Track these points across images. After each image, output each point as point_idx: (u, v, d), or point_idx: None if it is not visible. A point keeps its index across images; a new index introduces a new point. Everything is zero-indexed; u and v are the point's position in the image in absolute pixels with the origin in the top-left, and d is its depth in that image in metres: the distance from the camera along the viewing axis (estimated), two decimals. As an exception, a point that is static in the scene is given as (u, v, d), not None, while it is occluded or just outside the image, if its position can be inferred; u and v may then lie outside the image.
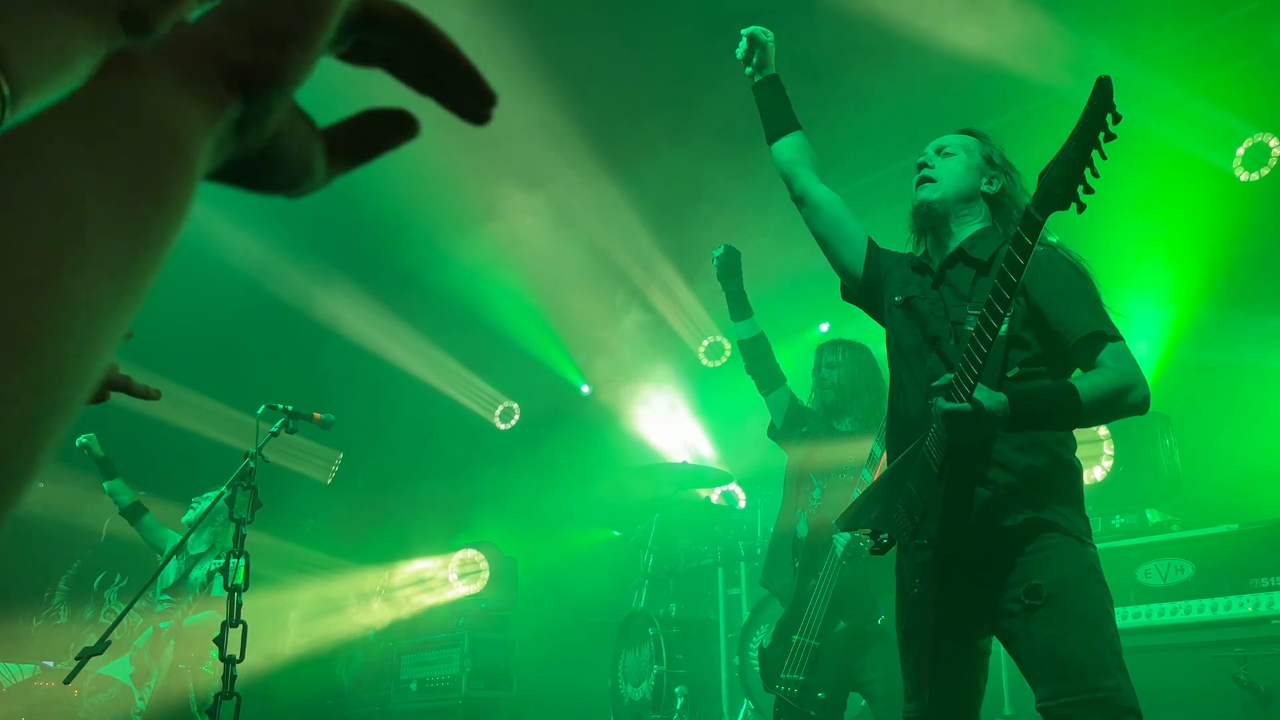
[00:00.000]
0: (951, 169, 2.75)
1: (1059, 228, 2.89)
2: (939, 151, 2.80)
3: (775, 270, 6.70)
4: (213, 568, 4.84)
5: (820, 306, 7.03)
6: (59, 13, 0.48)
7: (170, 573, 5.34)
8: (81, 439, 5.45)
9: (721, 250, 4.44)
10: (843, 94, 5.83)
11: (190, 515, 5.36)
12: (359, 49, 0.57)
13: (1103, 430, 4.61)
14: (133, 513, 5.52)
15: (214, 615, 5.09)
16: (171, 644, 5.03)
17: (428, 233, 7.58)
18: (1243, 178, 5.61)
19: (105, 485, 5.51)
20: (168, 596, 5.22)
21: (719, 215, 7.12)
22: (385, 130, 0.60)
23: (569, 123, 6.64)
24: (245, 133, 0.51)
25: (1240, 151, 5.66)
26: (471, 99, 0.59)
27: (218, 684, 5.15)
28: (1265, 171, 5.56)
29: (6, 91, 0.42)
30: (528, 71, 6.19)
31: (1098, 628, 2.37)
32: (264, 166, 0.55)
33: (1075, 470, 2.60)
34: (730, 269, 4.44)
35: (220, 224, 7.17)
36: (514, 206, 7.53)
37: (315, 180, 0.59)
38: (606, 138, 6.86)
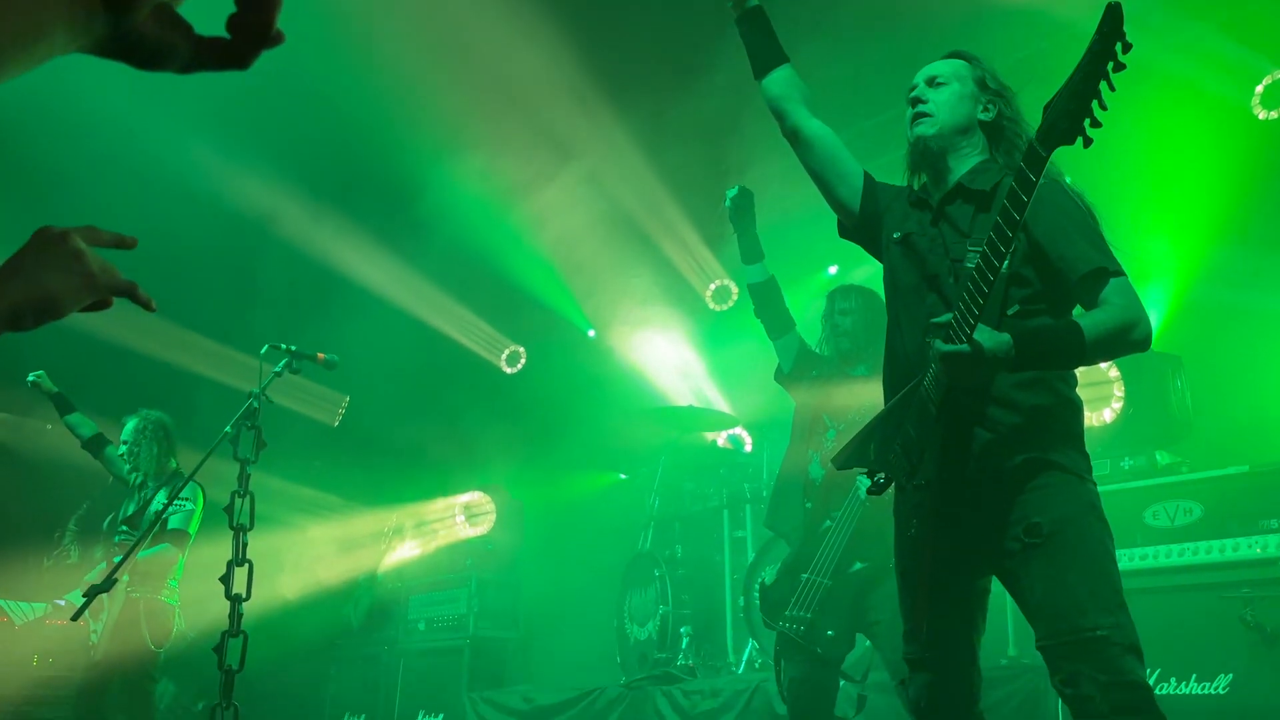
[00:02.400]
0: (946, 100, 2.66)
1: (1071, 165, 2.82)
2: (930, 82, 2.70)
3: (783, 213, 6.61)
4: (164, 501, 4.84)
5: (829, 249, 6.95)
6: None
7: (130, 505, 5.36)
8: (31, 376, 5.45)
9: (735, 191, 4.36)
10: (840, 35, 5.70)
11: (122, 434, 5.37)
12: None
13: (1113, 372, 4.56)
14: (94, 445, 5.53)
15: (169, 548, 5.11)
16: (125, 576, 5.06)
17: (434, 178, 7.51)
18: (1261, 116, 5.48)
19: (65, 419, 5.51)
20: (125, 528, 5.25)
21: (726, 158, 7.03)
22: (235, 48, 0.84)
23: (576, 65, 6.53)
24: (119, 17, 0.76)
25: (1259, 89, 5.52)
26: (249, 36, 0.83)
27: (177, 616, 5.23)
28: (1284, 109, 5.44)
29: None
30: (534, 14, 6.08)
31: (1098, 565, 2.34)
32: (135, 43, 0.79)
33: (1076, 407, 2.56)
34: (743, 210, 4.36)
35: (225, 165, 7.11)
36: (520, 151, 7.44)
37: (178, 61, 0.82)
38: (613, 81, 6.75)
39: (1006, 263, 2.37)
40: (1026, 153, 2.19)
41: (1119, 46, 2.03)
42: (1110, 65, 2.04)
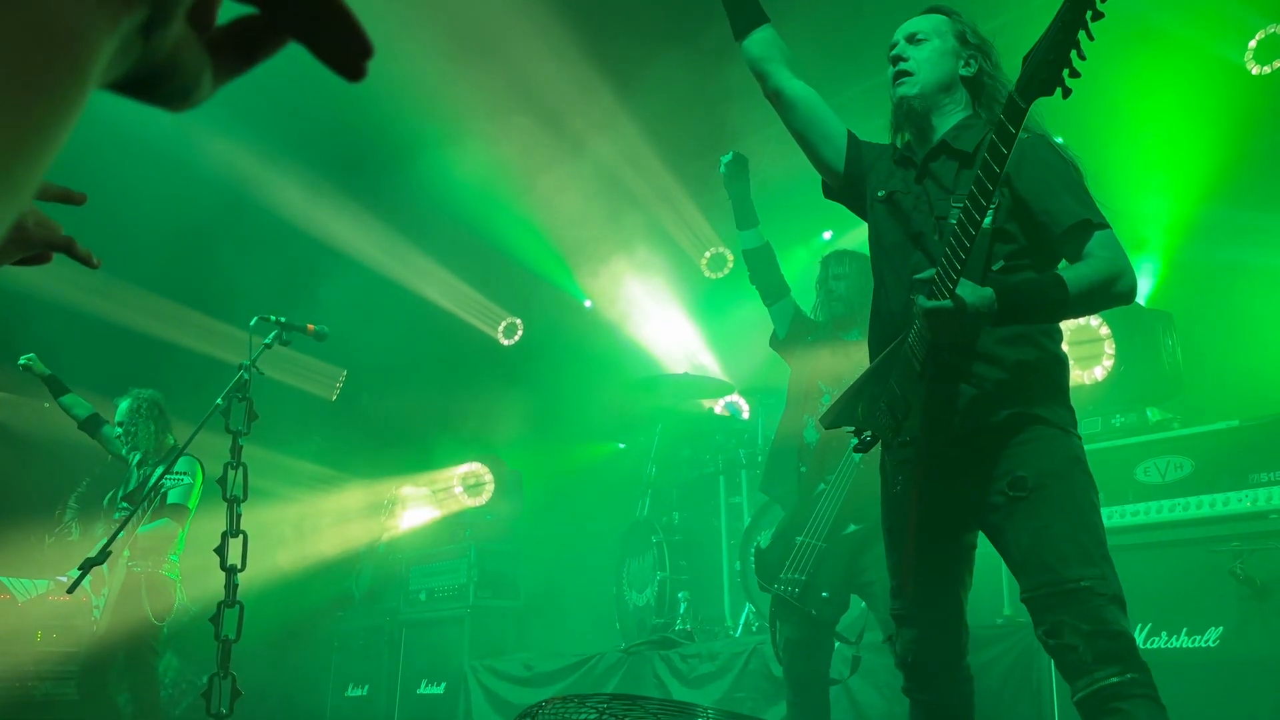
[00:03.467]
0: (928, 58, 2.64)
1: (1060, 119, 2.80)
2: (911, 39, 2.68)
3: (777, 177, 6.60)
4: (160, 475, 4.86)
5: (823, 215, 6.93)
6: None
7: (131, 482, 5.38)
8: (23, 360, 5.44)
9: (730, 157, 4.35)
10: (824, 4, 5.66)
11: (117, 415, 5.38)
12: None
13: (1104, 329, 4.56)
14: (91, 425, 5.54)
15: (168, 523, 5.14)
16: (126, 551, 5.09)
17: (428, 148, 7.48)
18: (1254, 71, 5.45)
19: (60, 401, 5.52)
20: (125, 505, 5.27)
21: (721, 123, 6.99)
22: (260, 38, 0.61)
23: (569, 33, 6.49)
24: (151, 37, 0.52)
25: (1253, 44, 5.48)
26: (346, 51, 0.59)
27: (178, 589, 5.27)
28: (1278, 65, 5.40)
29: None
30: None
31: (1082, 517, 2.36)
32: (165, 75, 0.56)
33: (1061, 362, 2.56)
34: (737, 175, 4.35)
35: (219, 137, 7.10)
36: (515, 122, 7.41)
37: (204, 93, 0.61)
38: (605, 47, 6.70)
39: (990, 218, 2.37)
40: (1006, 105, 2.19)
41: (1098, -5, 2.02)
42: (1089, 14, 2.03)
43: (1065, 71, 2.09)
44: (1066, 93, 2.10)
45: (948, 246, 2.26)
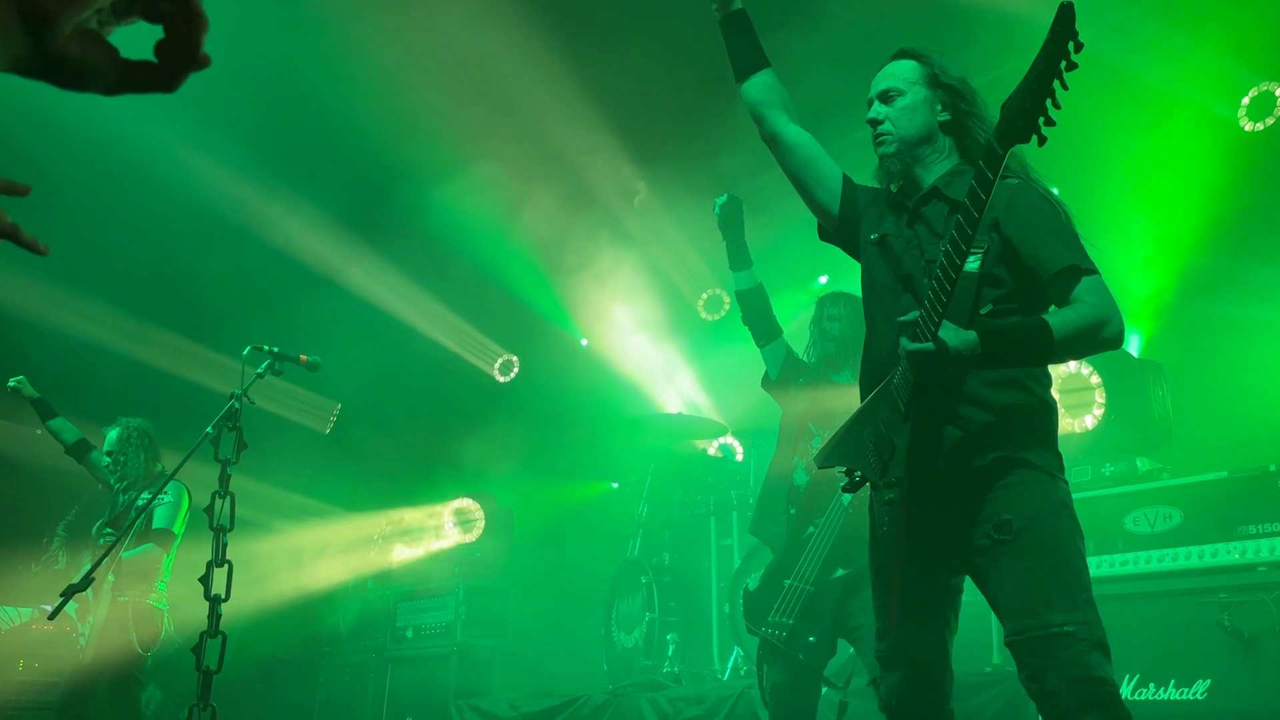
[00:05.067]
0: (900, 115, 2.65)
1: (1054, 170, 2.82)
2: (884, 97, 2.69)
3: (775, 221, 6.64)
4: (147, 500, 4.84)
5: (819, 259, 6.97)
6: None
7: (118, 505, 5.35)
8: (12, 382, 5.43)
9: (724, 199, 4.40)
10: (828, 46, 5.73)
11: (105, 444, 5.37)
12: (147, 9, 0.86)
13: (1095, 378, 4.57)
14: (79, 450, 5.52)
15: (153, 548, 5.11)
16: (110, 577, 5.05)
17: (429, 183, 7.55)
18: (1247, 127, 5.52)
19: (47, 425, 5.50)
20: (110, 531, 5.24)
21: (721, 166, 7.05)
22: (162, 70, 0.87)
23: (570, 77, 6.57)
24: (39, 37, 0.78)
25: (1246, 100, 5.56)
26: (177, 60, 0.86)
27: (165, 619, 5.22)
28: (1270, 121, 5.46)
29: None
30: (533, 27, 6.15)
31: (1067, 562, 2.35)
32: (57, 64, 0.81)
33: (1049, 407, 2.56)
34: (732, 219, 4.40)
35: (217, 169, 7.14)
36: (515, 160, 7.47)
37: (103, 83, 0.85)
38: (608, 91, 6.78)
39: (977, 261, 2.39)
40: (984, 151, 2.21)
41: (1071, 45, 2.05)
42: (1063, 64, 2.06)
43: (1041, 119, 2.12)
44: (1042, 140, 2.13)
45: (929, 290, 2.28)
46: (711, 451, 7.49)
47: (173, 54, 0.86)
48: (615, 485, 8.32)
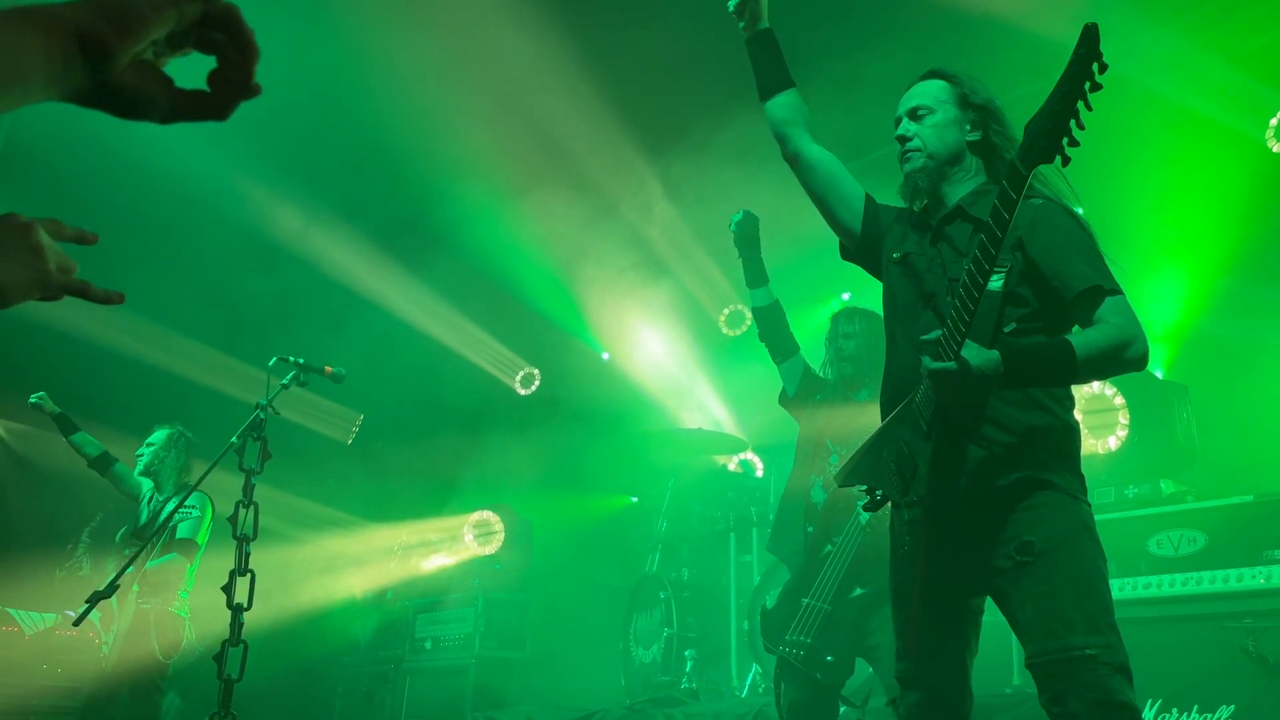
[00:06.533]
0: (930, 132, 2.67)
1: (1081, 191, 2.82)
2: (913, 114, 2.71)
3: (798, 238, 6.63)
4: (171, 510, 4.86)
5: (842, 276, 6.96)
6: (13, 32, 0.76)
7: (143, 517, 5.38)
8: (33, 398, 5.43)
9: (740, 216, 4.40)
10: (854, 68, 5.74)
11: (142, 460, 5.41)
12: (201, 40, 0.90)
13: (1119, 399, 4.55)
14: (101, 464, 5.51)
15: (177, 558, 5.14)
16: (135, 587, 5.08)
17: (453, 200, 7.60)
18: (1274, 148, 5.48)
19: (70, 439, 5.49)
20: (134, 539, 5.27)
21: (742, 184, 7.06)
22: (214, 99, 0.91)
23: (594, 93, 6.61)
24: (96, 68, 0.81)
25: (1274, 122, 5.52)
26: (229, 89, 0.90)
27: (187, 627, 5.25)
28: (1298, 142, 5.43)
29: None
30: (565, 63, 6.21)
31: (1089, 585, 2.34)
32: (114, 93, 0.84)
33: (1072, 428, 2.55)
34: (748, 236, 4.40)
35: (246, 182, 7.22)
36: (539, 175, 7.51)
37: (157, 112, 0.88)
38: (631, 107, 6.81)
39: (1001, 280, 2.39)
40: (1008, 171, 2.22)
41: (1095, 67, 2.06)
42: (1087, 85, 2.07)
43: (1065, 140, 2.12)
44: (1065, 161, 2.15)
45: (952, 309, 2.28)
46: (731, 467, 7.48)
47: (225, 84, 0.91)
48: (635, 499, 8.32)
